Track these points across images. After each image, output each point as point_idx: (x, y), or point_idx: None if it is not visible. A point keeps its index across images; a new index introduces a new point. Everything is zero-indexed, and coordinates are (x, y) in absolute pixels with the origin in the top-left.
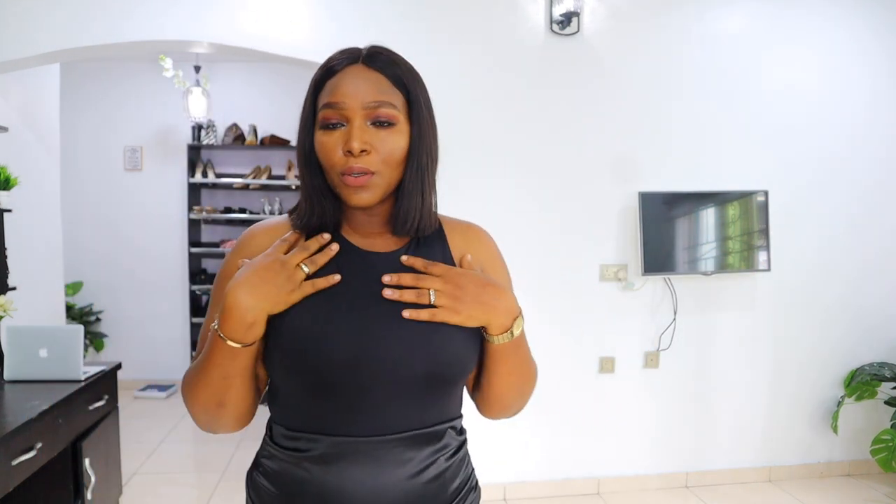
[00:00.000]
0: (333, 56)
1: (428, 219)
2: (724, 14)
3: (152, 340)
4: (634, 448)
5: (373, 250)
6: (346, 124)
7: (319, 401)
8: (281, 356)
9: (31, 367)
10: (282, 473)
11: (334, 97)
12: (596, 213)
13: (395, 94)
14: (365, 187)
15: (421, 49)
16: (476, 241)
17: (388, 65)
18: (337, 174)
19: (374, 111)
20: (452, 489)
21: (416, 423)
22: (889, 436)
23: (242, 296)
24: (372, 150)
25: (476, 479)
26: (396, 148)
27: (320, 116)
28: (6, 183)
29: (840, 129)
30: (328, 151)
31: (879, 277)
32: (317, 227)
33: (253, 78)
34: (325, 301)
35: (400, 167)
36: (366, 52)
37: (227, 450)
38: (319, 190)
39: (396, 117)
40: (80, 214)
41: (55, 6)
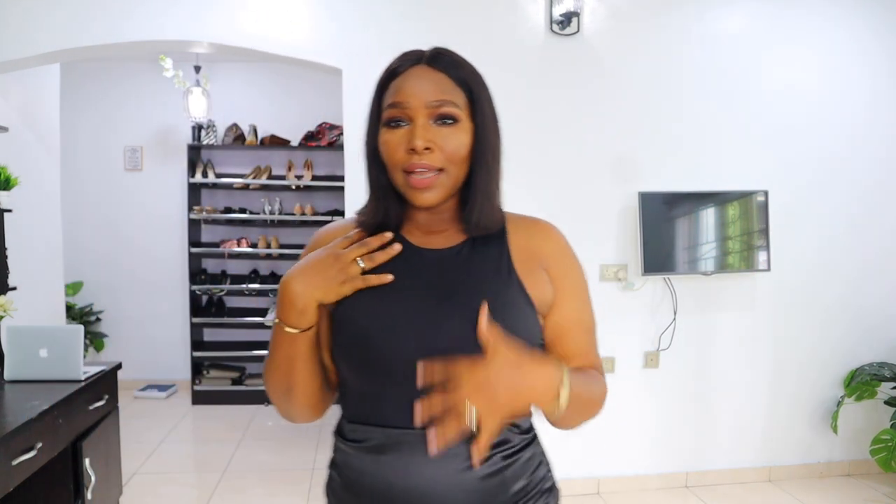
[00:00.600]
0: (399, 57)
1: (492, 217)
2: (724, 14)
3: (152, 340)
4: (634, 448)
5: (429, 247)
6: (410, 123)
7: (375, 393)
8: (341, 349)
9: (32, 367)
10: (344, 464)
11: (398, 97)
12: (596, 213)
13: (458, 94)
14: (430, 187)
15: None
16: (540, 237)
17: (451, 65)
18: (400, 172)
19: (436, 109)
20: (515, 490)
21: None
22: (889, 436)
23: (294, 283)
24: (435, 147)
25: (552, 482)
26: (460, 145)
27: (385, 115)
28: (6, 183)
29: (840, 128)
30: (391, 149)
31: (879, 277)
32: (380, 225)
33: (253, 78)
34: (381, 297)
35: (464, 165)
36: (428, 54)
37: (227, 450)
38: (385, 188)
39: (459, 115)
40: (80, 214)
41: (55, 6)
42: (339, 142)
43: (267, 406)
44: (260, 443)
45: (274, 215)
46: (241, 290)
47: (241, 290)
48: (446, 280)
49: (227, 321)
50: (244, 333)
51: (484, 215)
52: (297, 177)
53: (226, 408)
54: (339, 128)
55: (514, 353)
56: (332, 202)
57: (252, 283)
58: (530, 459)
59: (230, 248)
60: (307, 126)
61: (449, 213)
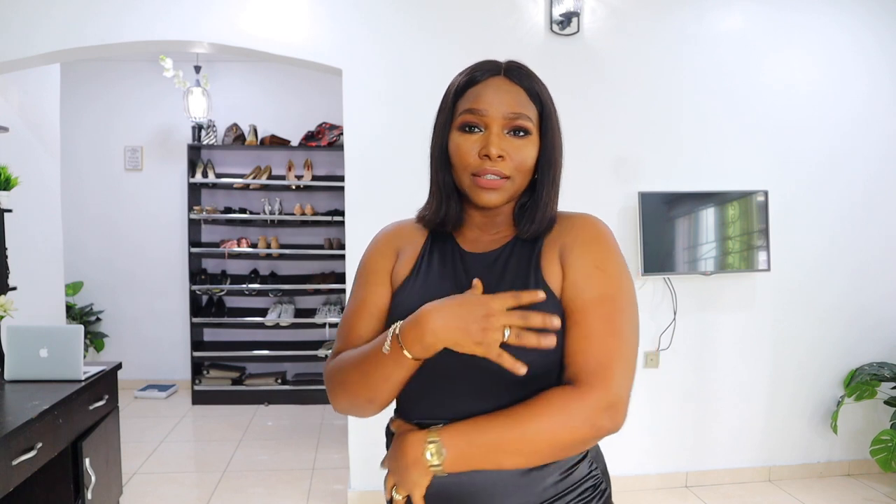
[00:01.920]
0: (476, 66)
1: (544, 223)
2: (724, 14)
3: (152, 340)
4: (634, 448)
5: (476, 251)
6: (485, 130)
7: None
8: None
9: (32, 367)
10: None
11: (477, 104)
12: (596, 212)
13: (531, 108)
14: (496, 189)
15: (420, 49)
16: (567, 228)
17: (526, 79)
18: (469, 175)
19: (512, 121)
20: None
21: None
22: (889, 436)
23: (435, 318)
24: (507, 156)
25: (597, 479)
26: (528, 157)
27: (460, 120)
28: (6, 183)
29: (839, 128)
30: (464, 153)
31: (879, 277)
32: (443, 224)
33: (253, 78)
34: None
35: (528, 175)
36: (506, 66)
37: (227, 450)
38: (449, 188)
39: (531, 129)
40: (80, 214)
41: (55, 6)
42: (339, 142)
43: (267, 406)
44: (260, 443)
45: (274, 215)
46: (241, 290)
47: (241, 290)
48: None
49: (227, 321)
50: (244, 333)
51: (543, 224)
52: (297, 177)
53: (226, 408)
54: (339, 128)
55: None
56: (332, 202)
57: (252, 283)
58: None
59: (230, 248)
60: (307, 126)
61: (503, 217)
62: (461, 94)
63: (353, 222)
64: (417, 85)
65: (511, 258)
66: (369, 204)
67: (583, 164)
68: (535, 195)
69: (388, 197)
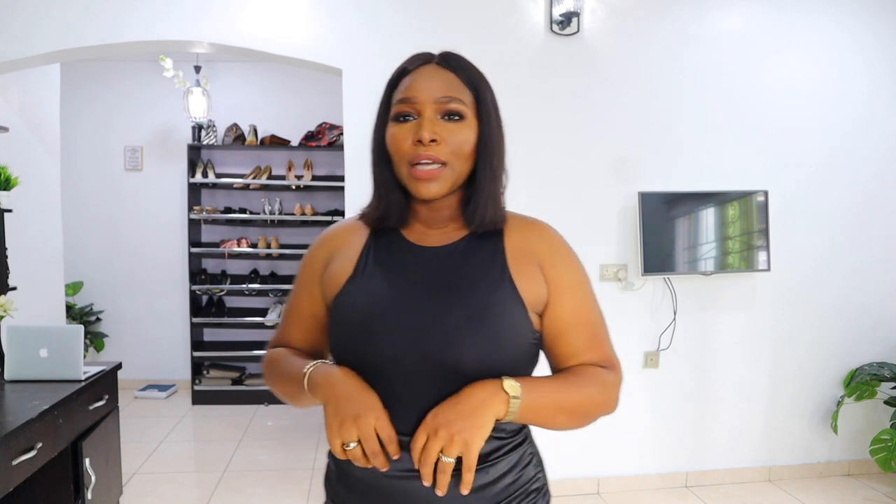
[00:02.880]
0: (409, 58)
1: (495, 214)
2: (724, 14)
3: (152, 340)
4: (634, 448)
5: (427, 245)
6: (418, 117)
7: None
8: (338, 346)
9: (32, 367)
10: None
11: (408, 92)
12: (596, 213)
13: (465, 92)
14: (434, 179)
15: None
16: (535, 237)
17: (459, 66)
18: (406, 164)
19: (444, 105)
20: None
21: None
22: (888, 436)
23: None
24: (441, 140)
25: (542, 482)
26: (465, 141)
27: (394, 110)
28: (6, 183)
29: (839, 128)
30: (399, 142)
31: (879, 277)
32: (381, 219)
33: (253, 78)
34: (377, 295)
35: (468, 161)
36: (438, 55)
37: (227, 450)
38: (388, 183)
39: (465, 112)
40: (80, 214)
41: (55, 6)
42: (339, 142)
43: (267, 406)
44: (260, 443)
45: (274, 215)
46: (241, 290)
47: (241, 290)
48: (440, 278)
49: (227, 321)
50: (244, 333)
51: (487, 213)
52: (297, 177)
53: (226, 408)
54: (339, 128)
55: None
56: (332, 202)
57: (252, 283)
58: (520, 459)
59: (230, 248)
60: (307, 126)
61: (450, 211)
62: (395, 87)
63: None
64: None
65: (469, 252)
66: None
67: (583, 164)
68: (476, 181)
69: None
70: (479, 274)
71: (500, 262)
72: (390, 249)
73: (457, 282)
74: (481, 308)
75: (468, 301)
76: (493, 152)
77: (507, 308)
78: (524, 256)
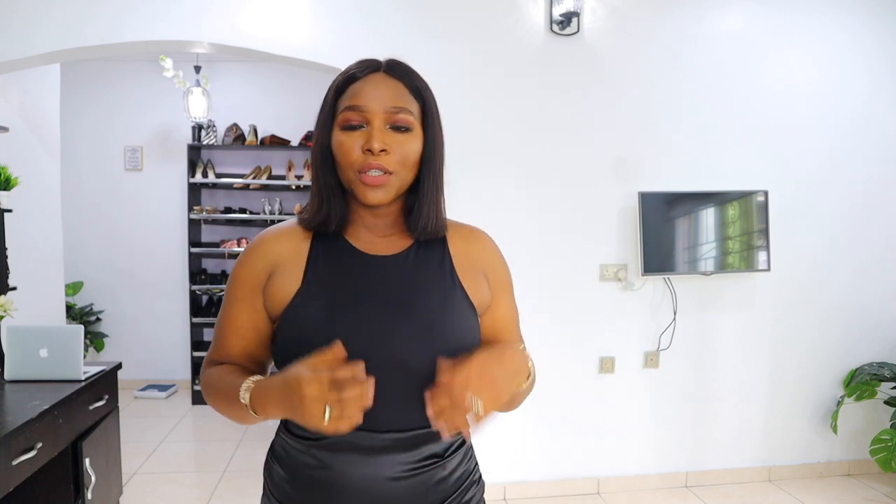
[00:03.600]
0: (355, 64)
1: (437, 222)
2: (724, 14)
3: (152, 340)
4: (634, 448)
5: (376, 253)
6: (367, 126)
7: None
8: (288, 356)
9: (32, 367)
10: (292, 460)
11: (357, 100)
12: (596, 213)
13: (412, 102)
14: (381, 186)
15: (420, 49)
16: (477, 245)
17: (406, 75)
18: (354, 172)
19: (393, 116)
20: (453, 481)
21: (416, 422)
22: (889, 436)
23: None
24: (390, 150)
25: (479, 473)
26: (412, 151)
27: (342, 118)
28: (6, 183)
29: (839, 128)
30: (347, 150)
31: (879, 277)
32: (322, 224)
33: (253, 78)
34: (326, 303)
35: (413, 170)
36: (385, 63)
37: (227, 450)
38: (331, 188)
39: (413, 123)
40: (80, 214)
41: (55, 6)
42: None
43: None
44: (260, 443)
45: (274, 215)
46: None
47: None
48: (394, 286)
49: None
50: None
51: (430, 221)
52: (297, 177)
53: None
54: None
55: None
56: None
57: None
58: (465, 453)
59: (230, 248)
60: (307, 126)
61: (392, 218)
62: (342, 92)
63: None
64: None
65: (419, 261)
66: None
67: (583, 164)
68: (420, 190)
69: None
70: (431, 282)
71: (449, 270)
72: (339, 258)
73: (410, 291)
74: (437, 315)
75: (425, 308)
76: (436, 161)
77: (461, 314)
78: (469, 263)
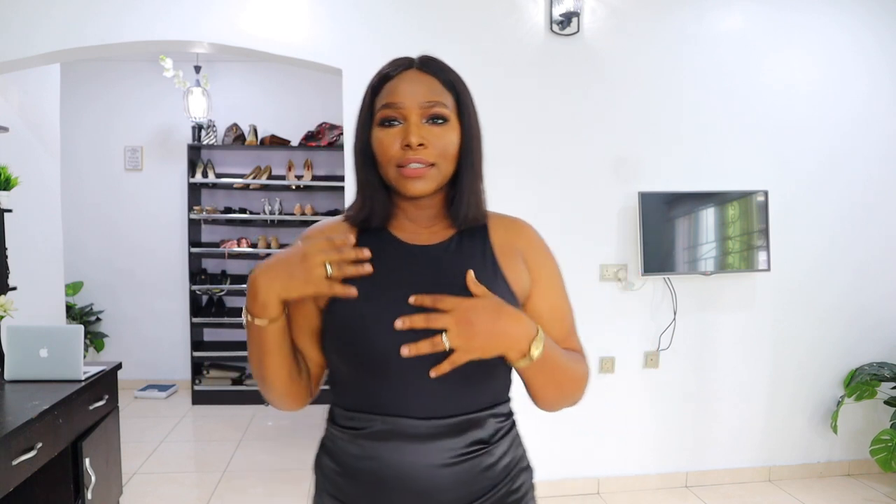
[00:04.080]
0: (388, 64)
1: (478, 210)
2: (724, 14)
3: (152, 340)
4: (634, 448)
5: (417, 243)
6: (404, 122)
7: (370, 384)
8: (333, 342)
9: (32, 367)
10: (341, 451)
11: (393, 98)
12: (596, 213)
13: (447, 95)
14: (422, 177)
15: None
16: (518, 235)
17: (439, 70)
18: (394, 167)
19: (429, 110)
20: (501, 468)
21: (456, 408)
22: (889, 436)
23: (259, 277)
24: (428, 144)
25: (529, 461)
26: (449, 143)
27: (379, 116)
28: (7, 183)
29: (839, 127)
30: (386, 146)
31: (879, 277)
32: (366, 220)
33: (253, 78)
34: (373, 292)
35: (453, 161)
36: (418, 60)
37: (227, 450)
38: (373, 184)
39: (448, 115)
40: (80, 214)
41: (55, 6)
42: (339, 142)
43: (267, 406)
44: (260, 443)
45: (274, 215)
46: (241, 290)
47: (241, 290)
48: (436, 274)
49: (227, 321)
50: (244, 333)
51: (471, 210)
52: (297, 177)
53: (226, 408)
54: (339, 128)
55: (496, 302)
56: (332, 202)
57: None
58: (513, 440)
59: (230, 248)
60: (307, 126)
61: (434, 210)
62: (377, 92)
63: None
64: None
65: (461, 250)
66: None
67: (583, 164)
68: (459, 179)
69: None
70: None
71: (491, 258)
72: (384, 249)
73: (453, 278)
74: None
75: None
76: (474, 152)
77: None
78: (510, 251)
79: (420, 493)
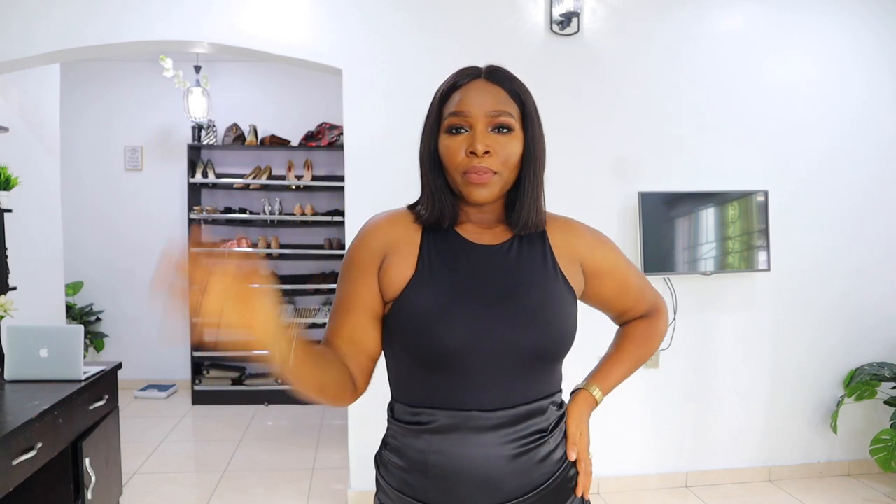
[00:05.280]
0: (456, 73)
1: (538, 216)
2: (724, 14)
3: (152, 340)
4: (634, 448)
5: (482, 243)
6: (470, 130)
7: (436, 379)
8: (401, 339)
9: (32, 367)
10: (405, 446)
11: (461, 106)
12: (596, 213)
13: (512, 105)
14: (486, 185)
15: (420, 49)
16: (574, 235)
17: (506, 80)
18: (460, 173)
19: (495, 119)
20: (556, 459)
21: (521, 398)
22: (888, 436)
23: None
24: (493, 152)
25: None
26: (513, 152)
27: (446, 123)
28: (6, 183)
29: (839, 128)
30: (453, 153)
31: (879, 277)
32: (437, 221)
33: (253, 78)
34: (439, 289)
35: (515, 169)
36: (486, 70)
37: (227, 450)
38: (441, 190)
39: (513, 125)
40: (80, 214)
41: (55, 6)
42: (339, 142)
43: (267, 406)
44: (260, 443)
45: (274, 215)
46: None
47: None
48: (499, 274)
49: None
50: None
51: (531, 216)
52: (297, 177)
53: (226, 408)
54: (339, 128)
55: (586, 431)
56: (332, 202)
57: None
58: (562, 433)
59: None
60: (307, 126)
61: (495, 214)
62: (446, 100)
63: (353, 222)
64: (417, 85)
65: (522, 251)
66: (369, 204)
67: (583, 164)
68: (521, 187)
69: (389, 197)
70: (534, 270)
71: (552, 259)
72: (449, 247)
73: (516, 278)
74: (541, 302)
75: (528, 295)
76: (537, 161)
77: (562, 300)
78: (567, 252)
79: (486, 484)
